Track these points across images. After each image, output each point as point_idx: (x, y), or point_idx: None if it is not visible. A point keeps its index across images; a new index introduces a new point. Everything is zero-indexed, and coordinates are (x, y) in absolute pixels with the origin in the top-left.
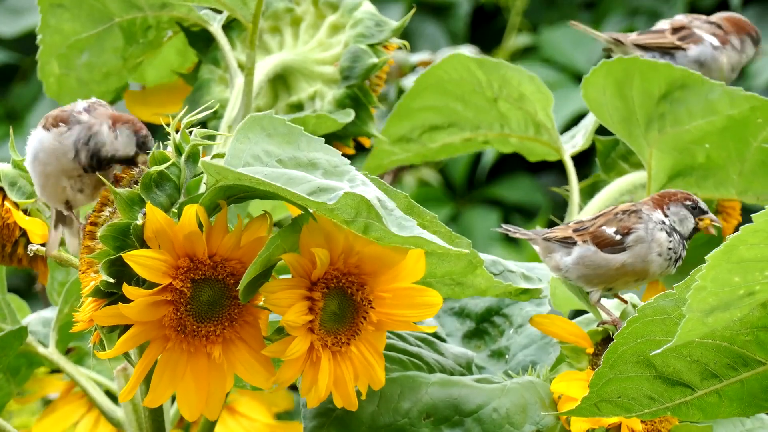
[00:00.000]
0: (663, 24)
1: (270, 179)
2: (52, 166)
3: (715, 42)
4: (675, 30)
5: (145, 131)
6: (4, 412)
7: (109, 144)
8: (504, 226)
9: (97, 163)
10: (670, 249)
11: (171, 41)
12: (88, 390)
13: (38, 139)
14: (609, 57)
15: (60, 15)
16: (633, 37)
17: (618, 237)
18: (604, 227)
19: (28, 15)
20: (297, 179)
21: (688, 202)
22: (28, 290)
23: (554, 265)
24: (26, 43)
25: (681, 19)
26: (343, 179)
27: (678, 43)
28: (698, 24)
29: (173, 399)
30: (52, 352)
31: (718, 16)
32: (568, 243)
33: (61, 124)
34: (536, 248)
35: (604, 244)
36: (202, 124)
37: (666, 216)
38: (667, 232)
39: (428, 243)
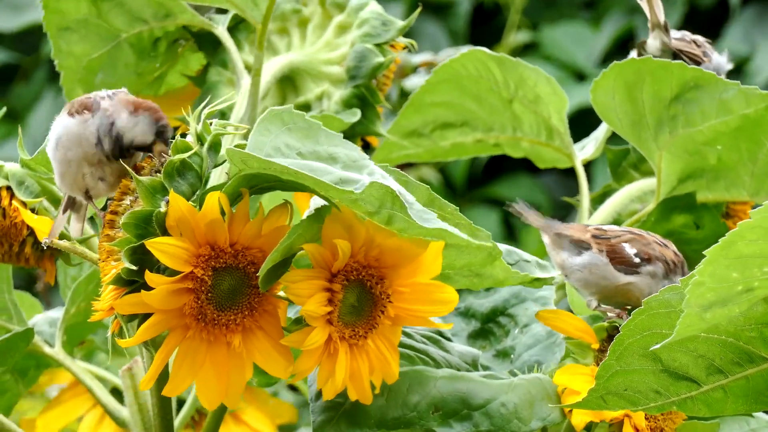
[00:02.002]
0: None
1: (295, 168)
2: (74, 151)
3: None
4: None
5: (165, 120)
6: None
7: (129, 131)
8: (516, 206)
9: (119, 151)
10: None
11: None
12: (93, 389)
13: (62, 124)
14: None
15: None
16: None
17: (636, 260)
18: (625, 244)
19: (28, 11)
20: (320, 170)
21: None
22: (29, 290)
23: (560, 262)
24: (27, 42)
25: None
26: (363, 172)
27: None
28: None
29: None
30: (57, 352)
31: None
32: (581, 246)
33: (85, 111)
34: (544, 238)
35: (619, 260)
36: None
37: None
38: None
39: (451, 235)
